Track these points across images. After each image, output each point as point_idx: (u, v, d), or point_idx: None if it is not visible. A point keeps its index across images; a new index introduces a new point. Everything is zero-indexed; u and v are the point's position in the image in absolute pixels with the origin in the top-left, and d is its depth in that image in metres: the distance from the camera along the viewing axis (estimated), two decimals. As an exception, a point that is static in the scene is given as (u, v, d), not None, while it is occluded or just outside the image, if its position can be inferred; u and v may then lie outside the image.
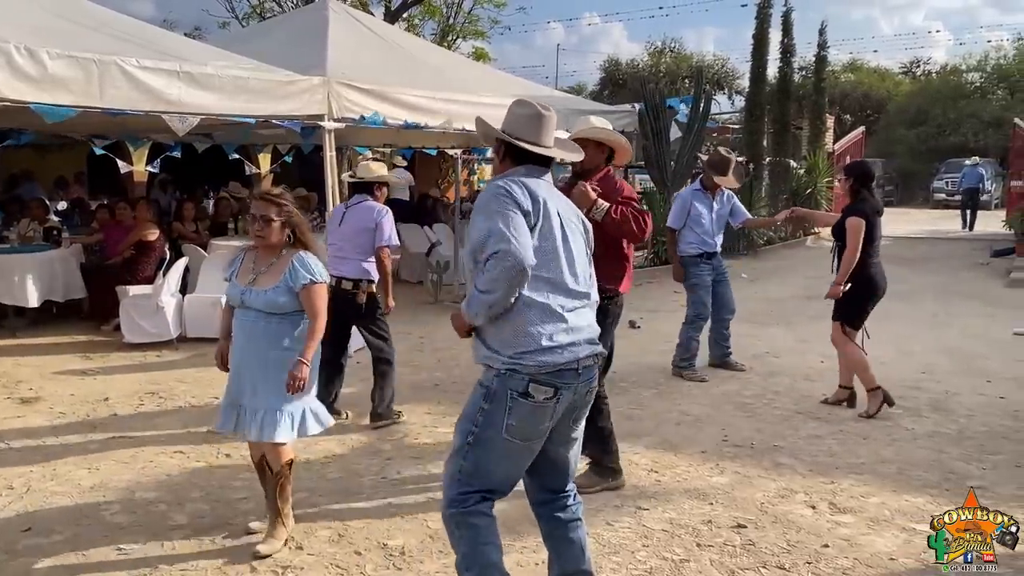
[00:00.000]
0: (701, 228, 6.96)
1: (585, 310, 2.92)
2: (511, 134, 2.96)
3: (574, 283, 2.89)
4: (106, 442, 5.19)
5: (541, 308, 2.80)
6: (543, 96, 11.82)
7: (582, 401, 2.93)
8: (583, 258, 2.97)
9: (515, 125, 2.99)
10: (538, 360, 2.77)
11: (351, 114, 7.90)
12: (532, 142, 2.94)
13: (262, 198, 3.73)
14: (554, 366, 2.78)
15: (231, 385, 3.79)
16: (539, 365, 2.76)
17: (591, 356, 2.88)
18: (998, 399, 6.26)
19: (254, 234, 3.74)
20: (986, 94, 35.87)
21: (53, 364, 7.12)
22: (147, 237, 8.60)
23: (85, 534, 3.91)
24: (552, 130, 3.01)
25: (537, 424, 2.83)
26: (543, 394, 2.78)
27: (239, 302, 3.72)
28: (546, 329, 2.79)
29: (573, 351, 2.82)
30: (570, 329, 2.83)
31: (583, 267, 2.95)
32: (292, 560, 3.66)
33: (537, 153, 2.95)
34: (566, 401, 2.84)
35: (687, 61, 41.43)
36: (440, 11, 25.54)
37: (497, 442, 2.83)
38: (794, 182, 17.39)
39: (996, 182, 26.62)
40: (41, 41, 5.96)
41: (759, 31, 16.96)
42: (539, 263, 2.79)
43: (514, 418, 2.79)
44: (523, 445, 2.86)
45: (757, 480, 4.65)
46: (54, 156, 13.81)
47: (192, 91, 6.71)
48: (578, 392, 2.87)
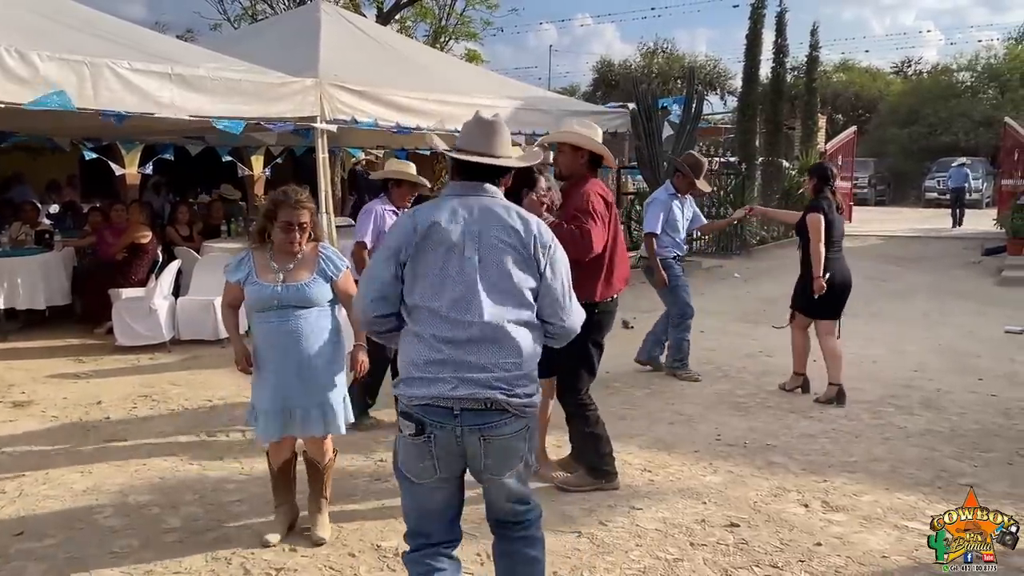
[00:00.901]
0: (676, 231, 6.98)
1: (472, 344, 2.55)
2: (456, 147, 2.81)
3: (456, 312, 2.57)
4: (99, 445, 5.18)
5: (416, 338, 2.60)
6: (536, 97, 11.82)
7: (483, 449, 2.58)
8: (493, 284, 2.60)
9: (463, 134, 2.84)
10: (405, 392, 2.61)
11: (343, 116, 7.89)
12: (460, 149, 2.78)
13: (298, 205, 3.65)
14: (419, 399, 2.56)
15: (272, 392, 3.68)
16: (407, 397, 2.60)
17: (484, 400, 2.53)
18: (990, 397, 6.29)
19: (288, 240, 3.66)
20: (977, 93, 36.04)
21: (45, 368, 7.10)
22: (140, 240, 8.58)
23: (78, 538, 3.90)
24: (496, 139, 2.79)
25: (417, 460, 2.60)
26: (407, 429, 2.59)
27: (273, 302, 3.63)
28: (416, 359, 2.58)
29: (443, 387, 2.53)
30: (443, 362, 2.54)
31: (485, 292, 2.58)
32: (286, 562, 3.66)
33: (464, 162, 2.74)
34: (443, 442, 2.55)
35: (679, 62, 41.54)
36: (432, 13, 25.48)
37: (399, 475, 2.70)
38: (786, 182, 17.43)
39: (987, 181, 26.76)
40: (33, 43, 5.95)
41: (752, 32, 17.02)
42: (418, 291, 2.60)
43: (401, 451, 2.66)
44: (413, 481, 2.65)
45: (750, 479, 4.66)
46: (46, 159, 13.76)
47: (184, 93, 6.71)
48: (463, 437, 2.55)
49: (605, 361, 4.46)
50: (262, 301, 3.66)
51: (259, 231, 3.79)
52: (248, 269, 3.71)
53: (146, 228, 8.76)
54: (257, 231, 3.81)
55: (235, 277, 3.74)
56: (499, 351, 2.57)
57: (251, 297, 3.69)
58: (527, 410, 2.62)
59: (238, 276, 3.73)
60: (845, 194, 20.44)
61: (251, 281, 3.68)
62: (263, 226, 3.77)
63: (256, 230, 3.82)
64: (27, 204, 10.16)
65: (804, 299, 6.24)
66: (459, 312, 2.57)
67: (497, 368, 2.55)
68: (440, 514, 2.72)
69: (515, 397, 2.57)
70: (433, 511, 2.70)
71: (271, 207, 3.72)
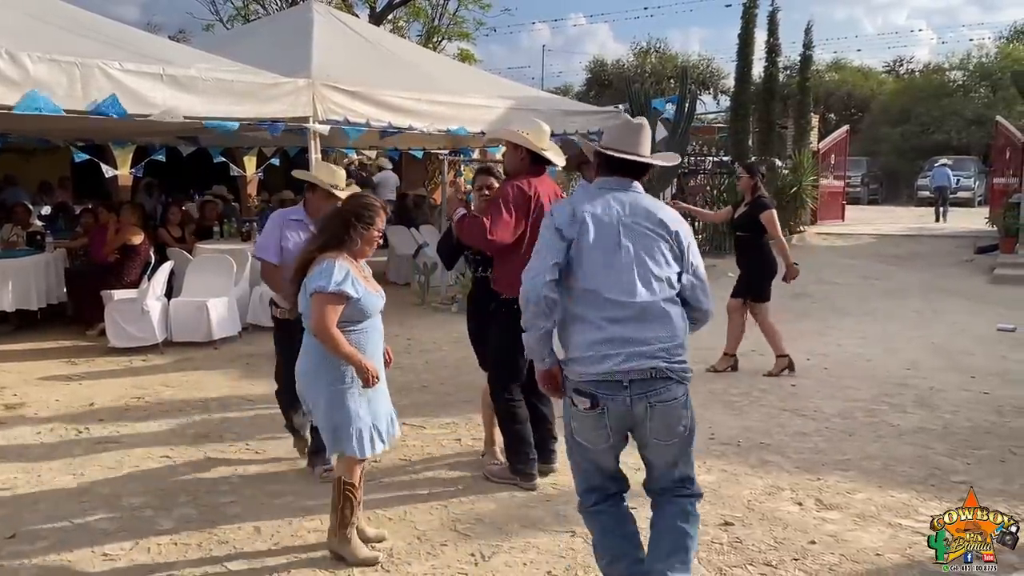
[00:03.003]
0: None
1: (634, 323, 2.87)
2: (604, 146, 3.11)
3: (618, 294, 2.88)
4: (91, 447, 5.16)
5: (583, 321, 2.90)
6: (529, 97, 11.81)
7: (649, 415, 2.89)
8: (646, 268, 2.92)
9: (610, 136, 3.15)
10: (575, 370, 2.90)
11: (336, 116, 7.87)
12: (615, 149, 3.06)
13: (385, 209, 3.66)
14: (591, 376, 2.86)
15: (378, 404, 3.68)
16: (579, 375, 2.89)
17: (648, 369, 2.84)
18: (983, 395, 6.31)
19: (371, 248, 3.64)
20: (969, 92, 36.17)
21: (37, 369, 7.07)
22: (132, 241, 8.55)
23: (70, 540, 3.88)
24: (640, 140, 3.09)
25: (591, 430, 2.94)
26: (581, 403, 2.90)
27: (379, 310, 3.64)
28: (585, 339, 2.87)
29: (612, 362, 2.83)
30: (610, 340, 2.85)
31: (636, 277, 2.90)
32: (281, 562, 3.65)
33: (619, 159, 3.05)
34: (616, 412, 2.87)
35: (672, 61, 41.58)
36: (425, 13, 25.47)
37: (571, 442, 3.04)
38: (779, 181, 17.46)
39: (979, 179, 26.86)
40: (23, 44, 5.92)
41: (745, 31, 17.02)
42: (582, 276, 2.90)
43: (575, 421, 2.98)
44: (588, 447, 2.98)
45: (744, 478, 4.67)
46: (38, 160, 13.72)
47: (176, 94, 6.68)
48: (633, 406, 2.86)
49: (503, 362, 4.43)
50: (371, 310, 3.58)
51: (345, 238, 3.55)
52: (350, 279, 3.47)
53: (138, 229, 8.74)
54: (343, 238, 3.55)
55: (355, 291, 3.47)
56: (658, 326, 2.89)
57: (365, 307, 3.53)
58: (685, 376, 2.93)
59: (359, 289, 3.49)
60: (838, 193, 20.52)
61: (361, 290, 3.50)
62: (348, 233, 3.55)
63: (341, 237, 3.55)
64: (19, 206, 10.11)
65: (758, 288, 6.94)
66: (622, 295, 2.88)
67: (657, 341, 2.87)
68: (614, 470, 3.10)
69: (676, 363, 2.90)
70: (607, 468, 3.08)
71: (365, 213, 3.57)
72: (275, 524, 4.04)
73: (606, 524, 3.12)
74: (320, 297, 3.41)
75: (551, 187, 4.59)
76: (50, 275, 8.72)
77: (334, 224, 3.61)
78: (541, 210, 4.30)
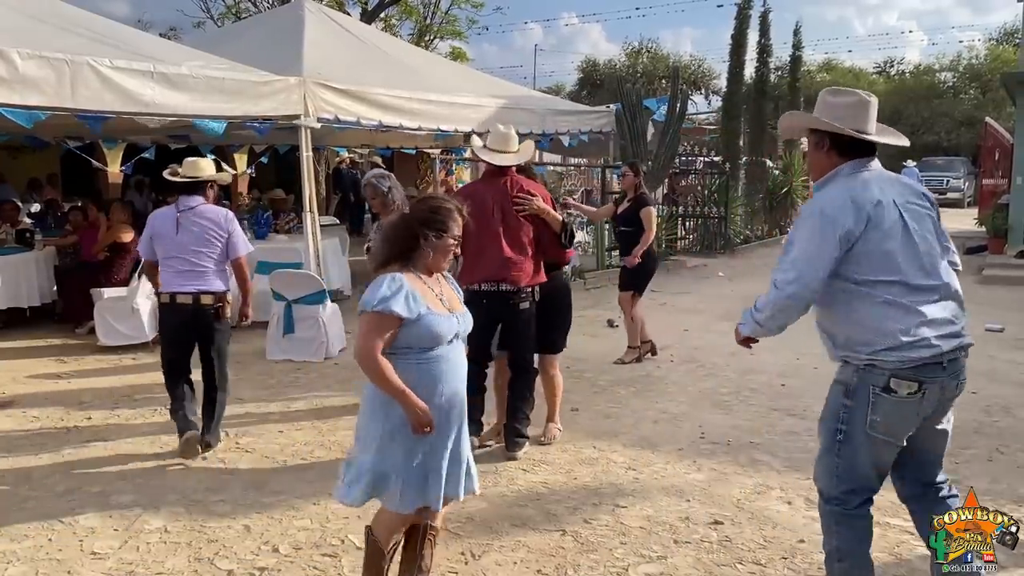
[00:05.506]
0: None
1: (942, 303, 2.85)
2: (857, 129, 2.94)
3: (922, 278, 2.83)
4: (81, 446, 5.14)
5: (892, 306, 2.81)
6: (521, 96, 11.83)
7: (952, 395, 2.90)
8: (933, 246, 2.89)
9: (838, 114, 2.96)
10: (898, 356, 2.79)
11: (327, 114, 7.87)
12: (859, 130, 2.93)
13: (462, 215, 3.02)
14: (915, 361, 2.78)
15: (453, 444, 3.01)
16: (900, 361, 2.79)
17: (957, 349, 2.84)
18: (970, 394, 6.31)
19: (447, 259, 3.03)
20: (959, 93, 36.42)
21: (26, 368, 7.03)
22: (122, 239, 8.51)
23: (59, 539, 3.87)
24: (874, 116, 3.01)
25: (901, 419, 2.86)
26: (906, 388, 2.80)
27: (451, 336, 2.97)
28: (899, 326, 2.79)
29: (936, 345, 2.78)
30: (929, 323, 2.79)
31: (932, 257, 2.87)
32: (269, 562, 3.64)
33: (865, 141, 2.95)
34: (933, 396, 2.83)
35: (664, 61, 41.70)
36: (417, 11, 25.46)
37: (862, 438, 2.88)
38: (770, 181, 17.54)
39: (968, 180, 27.03)
40: (12, 41, 5.90)
41: (738, 32, 17.08)
42: (878, 269, 2.81)
43: (878, 414, 2.84)
44: (886, 440, 2.89)
45: (734, 477, 4.68)
46: (26, 158, 13.63)
47: (166, 92, 6.67)
48: (946, 387, 2.85)
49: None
50: (440, 337, 2.92)
51: (411, 249, 2.96)
52: (414, 297, 2.86)
53: (128, 227, 8.69)
54: (410, 249, 2.96)
55: (407, 309, 2.83)
56: (956, 304, 2.89)
57: (429, 331, 2.89)
58: None
59: (416, 309, 2.85)
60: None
61: (430, 312, 2.88)
62: (415, 243, 2.95)
63: (407, 249, 2.96)
64: (7, 203, 10.04)
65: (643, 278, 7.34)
66: (926, 278, 2.84)
67: (959, 318, 2.88)
68: (888, 468, 2.99)
69: (966, 338, 2.88)
70: (886, 465, 2.97)
71: (435, 218, 2.95)
72: (265, 523, 4.03)
73: (866, 531, 3.02)
74: (362, 317, 2.85)
75: (520, 183, 4.87)
76: (39, 273, 8.68)
77: (398, 233, 3.00)
78: (497, 206, 4.76)
